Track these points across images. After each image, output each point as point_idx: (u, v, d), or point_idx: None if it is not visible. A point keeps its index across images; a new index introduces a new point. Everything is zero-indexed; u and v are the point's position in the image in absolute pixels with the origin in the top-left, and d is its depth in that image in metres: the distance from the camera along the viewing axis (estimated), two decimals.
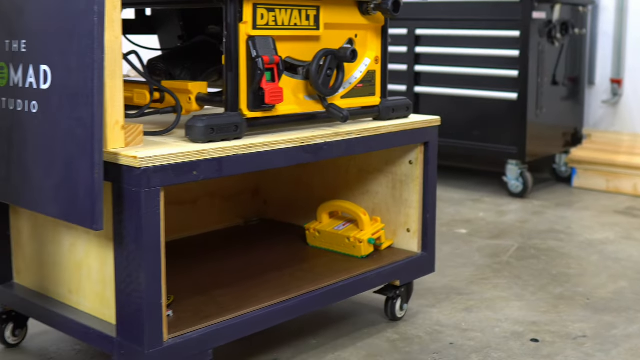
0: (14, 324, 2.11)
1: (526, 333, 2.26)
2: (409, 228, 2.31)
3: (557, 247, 3.13)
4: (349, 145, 2.01)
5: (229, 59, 1.77)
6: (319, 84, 1.92)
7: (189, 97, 1.87)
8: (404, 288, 2.29)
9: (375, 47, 2.13)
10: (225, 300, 1.91)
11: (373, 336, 2.21)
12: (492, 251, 3.05)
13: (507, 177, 3.98)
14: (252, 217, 2.67)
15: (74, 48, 1.56)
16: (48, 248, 1.92)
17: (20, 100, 1.71)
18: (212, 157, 1.69)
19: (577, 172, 4.22)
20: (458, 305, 2.47)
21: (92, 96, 1.53)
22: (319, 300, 2.01)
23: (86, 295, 1.83)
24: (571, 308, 2.46)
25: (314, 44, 1.96)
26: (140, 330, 1.62)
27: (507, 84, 3.91)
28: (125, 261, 1.63)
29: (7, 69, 1.75)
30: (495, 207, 3.78)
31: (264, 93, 1.79)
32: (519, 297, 2.55)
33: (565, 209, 3.77)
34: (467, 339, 2.21)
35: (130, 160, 1.57)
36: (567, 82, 4.20)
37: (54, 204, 1.65)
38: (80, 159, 1.56)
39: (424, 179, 2.26)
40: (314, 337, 2.18)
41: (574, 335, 2.25)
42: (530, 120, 3.88)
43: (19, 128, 1.72)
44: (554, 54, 4.04)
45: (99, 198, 1.55)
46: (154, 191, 1.59)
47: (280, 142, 1.83)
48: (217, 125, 1.73)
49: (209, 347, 1.75)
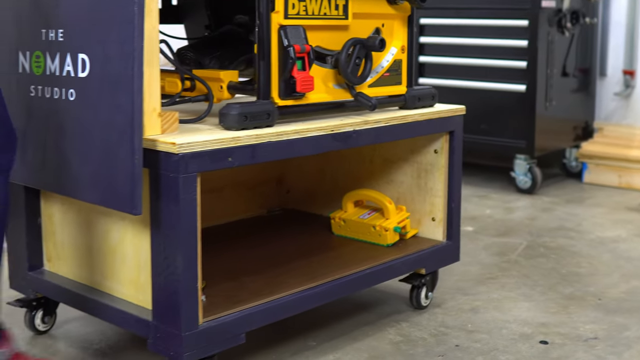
0: (44, 310, 2.20)
1: (535, 335, 2.23)
2: (433, 217, 2.39)
3: (567, 245, 3.08)
4: (377, 134, 2.09)
5: (261, 48, 1.85)
6: (347, 73, 2.00)
7: (220, 86, 1.95)
8: (429, 277, 2.37)
9: (401, 36, 2.20)
10: (255, 286, 1.99)
11: (375, 338, 2.19)
12: (499, 249, 3.01)
13: (515, 172, 3.92)
14: (275, 207, 2.75)
15: (114, 37, 1.64)
16: (81, 235, 2.01)
17: (57, 88, 1.80)
18: (246, 144, 1.77)
19: (588, 167, 4.16)
20: (464, 305, 2.44)
21: (132, 84, 1.62)
22: (347, 287, 2.09)
23: (120, 280, 1.91)
24: (582, 309, 2.43)
25: (343, 33, 2.03)
26: (176, 313, 1.71)
27: (515, 75, 3.85)
28: (162, 246, 1.71)
29: (43, 58, 1.83)
30: (503, 204, 3.72)
31: (295, 81, 1.87)
32: (528, 297, 2.52)
33: (576, 205, 3.72)
34: (474, 341, 2.19)
35: (169, 147, 1.65)
36: (578, 73, 4.14)
37: (92, 190, 1.74)
38: (120, 145, 1.65)
39: (449, 167, 2.34)
40: (313, 339, 2.17)
41: (584, 337, 2.22)
42: (539, 113, 3.83)
43: (55, 116, 1.81)
44: (564, 44, 3.98)
45: (138, 183, 1.63)
46: (191, 177, 1.67)
47: (311, 130, 1.91)
48: (250, 113, 1.81)
49: (242, 331, 1.83)
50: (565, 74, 4.03)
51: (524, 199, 3.84)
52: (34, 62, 1.86)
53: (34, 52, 1.85)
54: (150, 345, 1.79)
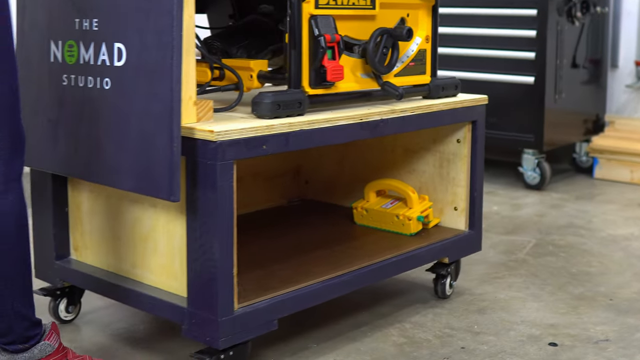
0: (68, 300, 2.27)
1: (544, 336, 2.22)
2: (456, 206, 2.46)
3: (577, 243, 3.06)
4: (403, 123, 2.17)
5: (292, 37, 1.92)
6: (375, 62, 2.07)
7: (250, 75, 2.02)
8: (453, 266, 2.45)
9: (426, 26, 2.28)
10: (284, 274, 2.07)
11: (378, 340, 2.18)
12: (506, 248, 2.99)
13: (523, 167, 3.90)
14: (294, 198, 2.83)
15: (152, 27, 1.71)
16: (110, 223, 2.07)
17: (91, 77, 1.87)
18: (280, 132, 1.85)
19: (599, 162, 4.12)
20: (470, 306, 2.42)
21: (171, 73, 1.69)
22: (373, 275, 2.17)
23: (151, 268, 1.98)
24: (592, 309, 2.41)
25: (370, 23, 2.11)
26: (213, 299, 1.78)
27: (523, 66, 3.81)
28: (199, 232, 1.78)
29: (76, 47, 1.90)
30: (510, 200, 3.70)
31: (325, 70, 1.94)
32: (536, 297, 2.50)
33: (586, 202, 3.70)
34: (480, 343, 2.17)
35: (206, 134, 1.73)
36: (588, 64, 4.10)
37: (127, 178, 1.81)
38: (158, 133, 1.72)
39: (472, 157, 2.42)
40: (313, 340, 2.17)
41: (595, 338, 2.20)
42: (548, 106, 3.78)
43: (89, 104, 1.88)
44: (574, 34, 3.94)
45: (177, 171, 1.71)
46: (228, 164, 1.75)
47: (341, 119, 1.99)
48: (283, 102, 1.89)
49: (274, 318, 1.91)
50: (575, 65, 4.00)
51: (532, 195, 3.82)
52: (66, 52, 1.93)
53: (67, 41, 1.92)
54: (184, 332, 1.86)
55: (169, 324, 2.29)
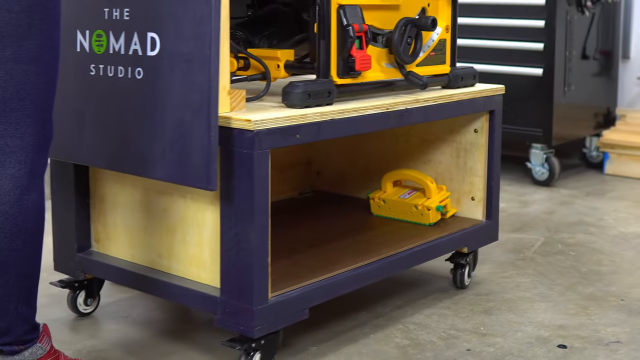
0: (86, 292, 2.31)
1: (552, 338, 2.20)
2: (473, 196, 2.54)
3: (587, 241, 3.04)
4: (426, 112, 2.23)
5: (322, 27, 1.98)
6: (400, 52, 2.14)
7: (277, 64, 2.08)
8: (471, 256, 2.52)
9: (446, 15, 2.34)
10: (310, 263, 2.13)
11: (380, 342, 2.16)
12: (514, 246, 2.97)
13: (531, 163, 3.88)
14: (306, 189, 2.88)
15: (189, 16, 1.76)
16: (136, 214, 2.12)
17: (121, 67, 1.91)
18: (312, 122, 1.90)
19: (610, 157, 4.08)
20: (476, 306, 2.41)
21: (209, 62, 1.74)
22: (398, 264, 2.24)
23: (180, 259, 2.03)
24: (603, 310, 2.39)
25: (394, 13, 2.17)
26: (249, 288, 1.84)
27: (531, 58, 3.78)
28: (234, 221, 1.84)
29: (105, 37, 1.94)
30: (518, 197, 3.69)
31: (354, 60, 2.00)
32: (545, 297, 2.49)
33: (597, 198, 3.67)
34: (486, 345, 2.15)
35: (244, 124, 1.78)
36: (599, 56, 4.07)
37: (160, 167, 1.86)
38: (195, 122, 1.77)
39: (489, 146, 2.49)
40: (313, 343, 2.15)
41: (606, 340, 2.19)
42: (557, 99, 3.76)
43: (118, 94, 1.92)
44: (584, 25, 3.90)
45: (214, 160, 1.76)
46: (264, 153, 1.80)
47: (369, 108, 2.05)
48: (313, 91, 1.95)
49: (305, 307, 1.97)
50: (585, 57, 3.97)
51: (541, 191, 3.80)
52: (94, 41, 1.97)
53: (95, 31, 1.96)
54: (217, 321, 1.91)
55: (188, 314, 2.35)
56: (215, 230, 1.93)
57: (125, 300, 2.43)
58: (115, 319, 2.32)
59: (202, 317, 2.32)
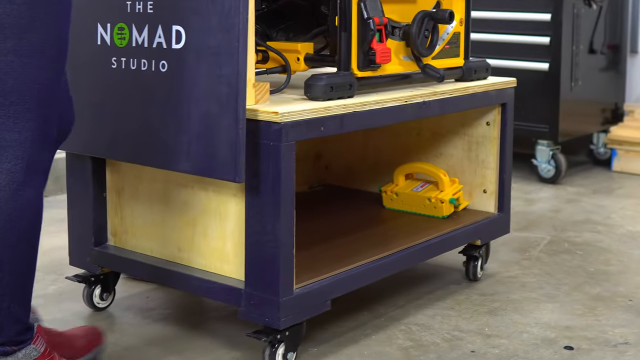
0: (102, 287, 2.36)
1: (559, 339, 2.20)
2: (485, 189, 2.60)
3: (594, 240, 3.03)
4: (443, 105, 2.30)
5: (343, 20, 2.04)
6: (418, 45, 2.20)
7: (297, 57, 2.13)
8: (484, 248, 2.59)
9: (460, 9, 2.41)
10: (329, 255, 2.18)
11: (382, 343, 2.16)
12: (519, 245, 2.97)
13: (537, 159, 3.88)
14: (315, 183, 2.94)
15: (217, 9, 1.81)
16: (155, 207, 2.17)
17: (145, 60, 1.96)
18: (336, 114, 1.96)
19: (618, 153, 4.07)
20: (480, 307, 2.41)
21: (237, 55, 1.79)
22: (416, 256, 2.31)
23: (201, 252, 2.08)
24: (611, 311, 2.39)
25: (411, 6, 2.23)
26: (275, 279, 1.89)
27: (537, 52, 3.78)
28: (260, 213, 1.89)
29: (128, 30, 1.99)
30: (523, 195, 3.68)
31: (374, 53, 2.06)
32: (551, 298, 2.48)
33: (604, 196, 3.66)
34: (491, 347, 2.15)
35: (271, 116, 1.83)
36: (606, 50, 4.05)
37: (184, 160, 1.91)
38: (222, 114, 1.82)
39: (501, 139, 2.56)
40: (314, 344, 2.14)
41: (613, 341, 2.19)
42: (563, 94, 3.75)
43: (141, 87, 1.97)
44: (592, 18, 3.90)
45: (241, 152, 1.81)
46: (291, 145, 1.86)
47: (389, 101, 2.11)
48: (336, 84, 2.00)
49: (328, 298, 2.02)
50: (593, 51, 3.95)
51: (547, 189, 3.79)
52: (116, 34, 2.01)
53: (117, 24, 2.01)
54: (241, 313, 1.96)
55: (203, 306, 2.39)
56: (238, 222, 1.99)
57: (138, 295, 2.48)
58: (130, 312, 2.36)
59: (219, 308, 2.37)
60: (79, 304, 2.38)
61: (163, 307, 2.40)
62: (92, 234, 2.26)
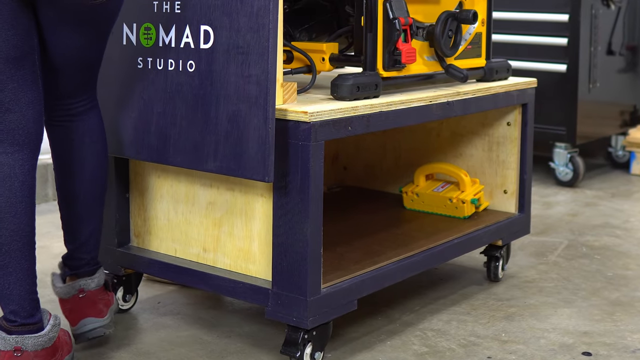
0: (125, 288, 2.37)
1: (577, 345, 2.19)
2: (505, 189, 2.62)
3: (613, 244, 3.02)
4: (466, 105, 2.31)
5: (369, 20, 2.06)
6: (442, 45, 2.21)
7: (322, 58, 2.15)
8: (505, 248, 2.61)
9: (481, 9, 2.43)
10: (354, 256, 2.20)
11: (397, 349, 2.15)
12: (536, 249, 2.96)
13: (554, 162, 3.88)
14: (333, 184, 2.96)
15: (246, 9, 1.83)
16: (178, 208, 2.18)
17: (172, 59, 1.98)
18: (363, 114, 1.98)
19: (637, 156, 4.05)
20: (497, 312, 2.40)
21: (267, 54, 1.81)
22: (440, 256, 2.32)
23: (226, 252, 2.10)
24: (629, 316, 2.38)
25: (434, 6, 2.25)
26: (303, 279, 1.91)
27: (555, 53, 3.77)
28: (289, 212, 1.91)
29: (154, 30, 2.01)
30: (541, 198, 3.67)
31: (400, 53, 2.08)
32: (569, 303, 2.48)
33: (623, 200, 3.64)
34: (508, 352, 2.14)
35: (300, 115, 1.85)
36: (625, 51, 4.03)
37: (212, 159, 1.92)
38: (251, 114, 1.84)
39: (522, 140, 2.58)
40: (328, 350, 2.13)
41: (632, 347, 2.17)
42: (581, 96, 3.75)
43: (168, 87, 1.99)
44: (610, 19, 3.88)
45: (271, 152, 1.83)
46: (320, 144, 1.87)
47: (414, 101, 2.13)
48: (362, 84, 2.02)
49: (354, 298, 2.04)
50: (611, 52, 3.94)
51: (565, 192, 3.79)
52: (142, 34, 2.03)
53: (143, 24, 2.03)
54: (269, 313, 1.98)
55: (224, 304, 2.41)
56: (265, 222, 2.00)
57: (156, 297, 2.49)
58: (152, 313, 2.37)
59: (241, 307, 2.39)
60: None
61: (181, 307, 2.41)
62: (115, 235, 2.28)
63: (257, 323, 2.29)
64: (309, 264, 1.90)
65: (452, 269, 2.74)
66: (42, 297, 2.43)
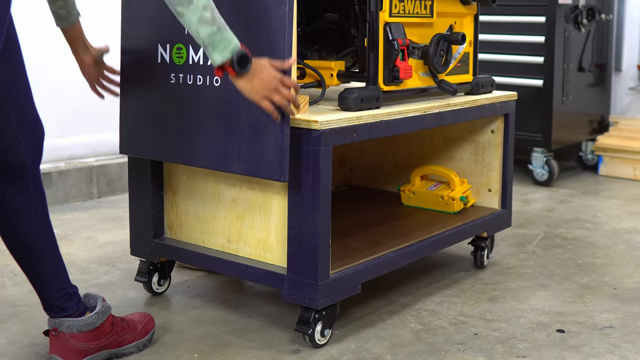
0: (159, 274, 2.38)
1: (552, 323, 2.21)
2: (490, 188, 2.62)
3: (583, 236, 3.05)
4: (455, 115, 2.32)
5: (372, 42, 2.07)
6: (435, 63, 2.22)
7: (330, 74, 2.16)
8: (489, 240, 2.61)
9: (469, 32, 2.43)
10: (358, 245, 2.21)
11: (396, 327, 2.17)
12: (517, 240, 2.97)
13: (532, 165, 3.90)
14: (341, 183, 2.97)
15: (264, 33, 1.84)
16: (206, 204, 2.20)
17: (200, 75, 1.99)
18: (366, 122, 1.99)
19: (604, 160, 4.09)
20: (482, 295, 2.42)
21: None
22: (433, 246, 2.33)
23: (247, 242, 2.11)
24: (598, 298, 2.40)
25: (428, 29, 2.26)
26: (314, 266, 1.92)
27: (533, 70, 3.81)
28: (302, 208, 1.92)
29: (185, 50, 2.02)
30: (521, 196, 3.69)
31: (398, 70, 2.09)
32: (545, 286, 2.49)
33: (592, 197, 3.67)
34: (492, 330, 2.16)
35: (312, 124, 1.86)
36: (594, 68, 4.09)
37: (236, 162, 1.94)
38: (270, 123, 1.85)
39: (504, 145, 2.58)
40: (336, 328, 2.13)
41: (600, 325, 2.20)
42: (556, 107, 3.79)
43: (196, 99, 2.00)
44: (580, 40, 3.95)
45: (286, 155, 1.84)
46: (328, 149, 1.88)
47: (410, 111, 2.14)
48: (365, 97, 2.03)
49: (358, 282, 2.05)
50: (582, 69, 3.99)
51: (541, 191, 3.81)
52: (175, 54, 2.05)
53: (175, 44, 2.04)
54: (284, 296, 1.99)
55: (244, 288, 2.42)
56: (281, 216, 2.02)
57: (187, 282, 2.51)
58: (183, 296, 2.39)
59: (261, 290, 2.40)
60: (131, 292, 2.41)
61: (209, 291, 2.42)
62: (151, 228, 2.29)
63: (275, 304, 2.31)
64: (319, 253, 1.91)
65: (443, 257, 2.75)
66: (85, 282, 2.48)
